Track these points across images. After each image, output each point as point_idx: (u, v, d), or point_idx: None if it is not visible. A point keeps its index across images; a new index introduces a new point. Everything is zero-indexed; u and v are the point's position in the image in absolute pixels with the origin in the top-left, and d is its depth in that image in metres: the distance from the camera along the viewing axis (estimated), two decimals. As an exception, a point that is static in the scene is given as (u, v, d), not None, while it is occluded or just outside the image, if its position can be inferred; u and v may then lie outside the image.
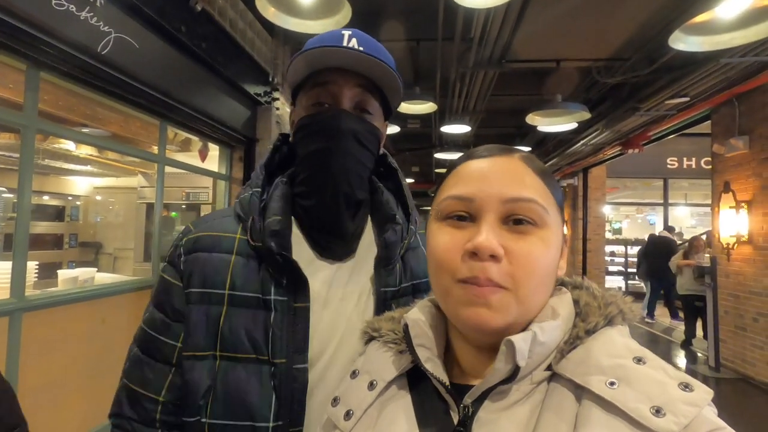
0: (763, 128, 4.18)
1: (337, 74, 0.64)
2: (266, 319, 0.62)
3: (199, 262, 0.65)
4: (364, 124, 0.66)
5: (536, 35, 3.83)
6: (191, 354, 0.63)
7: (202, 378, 0.61)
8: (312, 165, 0.66)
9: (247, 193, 0.68)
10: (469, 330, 0.45)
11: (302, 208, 0.69)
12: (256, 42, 3.81)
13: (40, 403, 2.22)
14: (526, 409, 0.41)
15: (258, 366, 0.61)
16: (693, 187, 9.78)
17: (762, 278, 4.19)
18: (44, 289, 2.74)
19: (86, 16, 2.06)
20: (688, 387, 0.37)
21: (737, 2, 2.29)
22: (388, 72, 0.64)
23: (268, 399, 0.60)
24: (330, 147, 0.64)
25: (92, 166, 5.18)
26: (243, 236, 0.67)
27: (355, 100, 0.66)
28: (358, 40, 0.65)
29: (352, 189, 0.66)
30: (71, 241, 5.32)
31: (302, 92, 0.68)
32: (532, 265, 0.42)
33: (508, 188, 0.43)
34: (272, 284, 0.63)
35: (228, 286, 0.63)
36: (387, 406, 0.47)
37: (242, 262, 0.65)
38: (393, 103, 0.72)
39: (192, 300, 0.64)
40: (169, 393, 0.63)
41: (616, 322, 0.44)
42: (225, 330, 0.62)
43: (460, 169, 0.48)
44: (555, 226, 0.45)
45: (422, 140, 7.56)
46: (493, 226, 0.43)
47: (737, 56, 3.48)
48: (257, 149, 4.16)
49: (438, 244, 0.45)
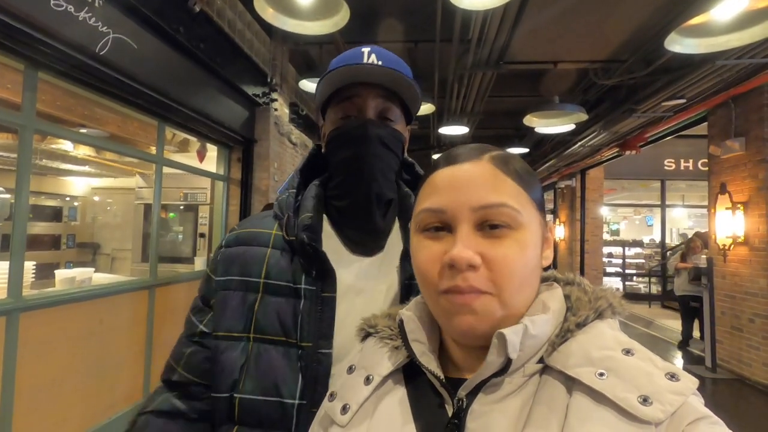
0: (759, 130, 4.20)
1: (360, 88, 0.72)
2: (296, 306, 0.69)
3: (238, 253, 0.74)
4: (388, 129, 0.74)
5: (534, 37, 3.84)
6: (227, 334, 0.70)
7: (237, 357, 0.68)
8: (345, 169, 0.74)
9: (284, 195, 0.77)
10: (458, 337, 0.47)
11: (336, 208, 0.76)
12: (255, 43, 3.81)
13: (37, 402, 2.21)
14: (519, 401, 0.42)
15: (287, 348, 0.68)
16: (690, 189, 9.81)
17: (758, 279, 4.21)
18: (41, 290, 2.74)
19: (84, 17, 2.07)
20: (675, 377, 0.38)
21: (733, 5, 2.31)
22: (405, 82, 0.71)
23: (294, 378, 0.67)
24: (360, 152, 0.72)
25: (90, 166, 5.18)
26: (279, 232, 0.75)
27: (378, 110, 0.73)
28: (377, 56, 0.73)
29: (381, 189, 0.74)
30: (69, 242, 5.32)
31: (330, 108, 0.75)
32: (510, 268, 0.42)
33: (478, 196, 0.44)
34: (303, 274, 0.71)
35: (263, 275, 0.71)
36: (383, 400, 0.48)
37: (277, 254, 0.73)
38: (413, 109, 0.79)
39: (231, 287, 0.72)
40: (186, 366, 0.71)
41: (606, 315, 0.45)
42: (259, 315, 0.69)
43: (431, 179, 0.48)
44: (531, 224, 0.45)
45: (421, 141, 7.58)
46: (468, 235, 0.43)
47: (733, 58, 3.50)
48: (255, 150, 4.17)
49: (418, 258, 0.46)
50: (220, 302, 0.72)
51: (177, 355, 0.73)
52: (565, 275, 0.51)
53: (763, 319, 4.15)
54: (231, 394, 0.67)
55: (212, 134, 3.69)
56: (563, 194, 10.24)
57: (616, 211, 12.88)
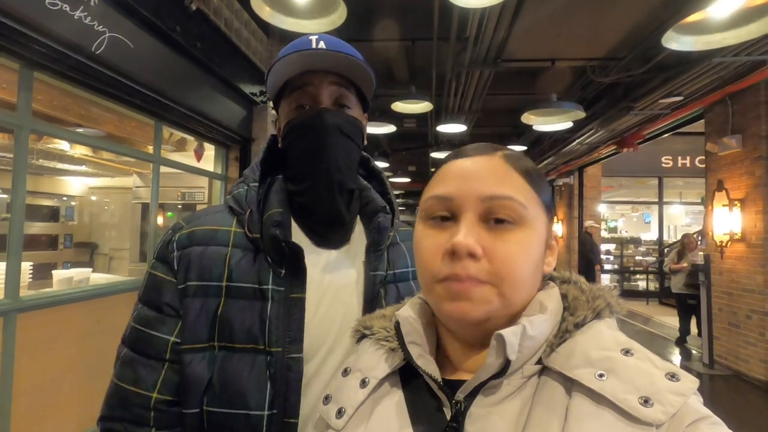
0: (756, 127, 4.21)
1: (311, 76, 0.68)
2: (263, 309, 0.64)
3: (195, 255, 0.66)
4: (346, 117, 0.70)
5: (531, 35, 3.84)
6: (191, 347, 0.63)
7: (203, 369, 0.62)
8: (305, 162, 0.69)
9: (242, 189, 0.71)
10: (451, 323, 0.46)
11: (299, 203, 0.72)
12: (252, 42, 3.80)
13: (35, 403, 2.21)
14: (518, 403, 0.41)
15: (254, 355, 0.63)
16: (687, 186, 9.84)
17: (755, 275, 4.23)
18: (39, 290, 2.73)
19: (80, 16, 2.06)
20: (675, 377, 0.38)
21: (729, 2, 2.31)
22: (357, 64, 0.68)
23: (263, 388, 0.62)
24: (319, 143, 0.68)
25: (87, 166, 5.16)
26: (239, 229, 0.69)
27: (333, 97, 0.70)
28: (326, 42, 0.68)
29: (343, 178, 0.70)
30: (66, 242, 5.30)
31: (283, 99, 0.72)
32: (511, 265, 0.42)
33: (486, 186, 0.44)
34: (270, 274, 0.66)
35: (225, 278, 0.65)
36: (379, 404, 0.47)
37: (239, 253, 0.67)
38: (368, 94, 0.75)
39: (189, 293, 0.65)
40: (164, 388, 0.63)
41: (604, 315, 0.45)
42: (222, 321, 0.63)
43: (442, 170, 0.48)
44: (537, 224, 0.45)
45: (418, 140, 7.57)
46: (473, 225, 0.43)
47: (730, 55, 3.51)
48: (253, 149, 4.16)
49: (422, 247, 0.46)
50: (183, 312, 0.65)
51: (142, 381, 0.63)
52: (561, 273, 0.51)
53: (760, 315, 4.17)
54: (200, 408, 0.62)
55: (209, 133, 3.68)
56: (561, 192, 10.25)
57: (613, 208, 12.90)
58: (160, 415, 0.63)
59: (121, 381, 0.64)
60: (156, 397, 0.63)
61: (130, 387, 0.63)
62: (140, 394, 0.62)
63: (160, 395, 0.63)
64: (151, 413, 0.62)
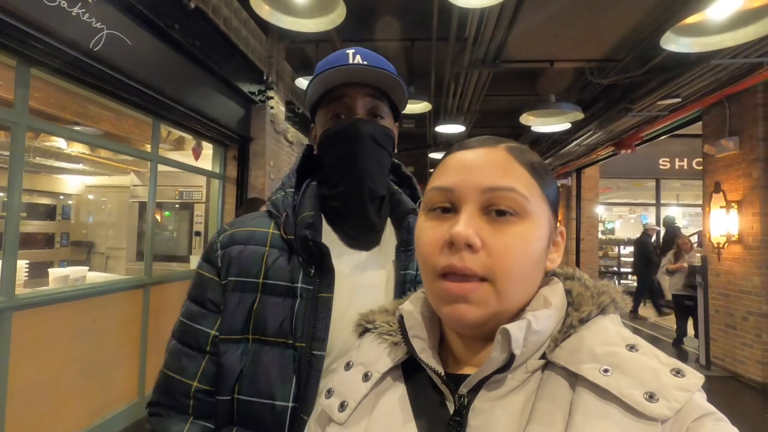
0: (753, 129, 4.23)
1: (348, 88, 0.73)
2: (293, 306, 0.69)
3: (235, 253, 0.72)
4: (378, 127, 0.75)
5: (530, 36, 3.85)
6: (227, 338, 0.69)
7: (236, 359, 0.67)
8: (339, 168, 0.74)
9: (280, 194, 0.77)
10: (451, 325, 0.46)
11: (332, 207, 0.77)
12: (251, 40, 3.79)
13: (30, 402, 2.20)
14: (521, 398, 0.41)
15: (283, 349, 0.67)
16: (685, 188, 9.85)
17: (751, 277, 4.24)
18: (35, 288, 2.71)
19: (78, 12, 2.05)
20: (680, 373, 0.38)
21: (727, 4, 2.32)
22: (391, 79, 0.73)
23: (289, 380, 0.66)
24: (353, 151, 0.72)
25: (84, 164, 5.14)
26: (275, 231, 0.74)
27: (367, 108, 0.74)
28: (362, 56, 0.74)
29: (374, 184, 0.74)
30: (63, 240, 5.28)
31: (320, 110, 0.77)
32: (510, 258, 0.41)
33: (488, 177, 0.43)
34: (300, 273, 0.70)
35: (262, 275, 0.71)
36: (382, 398, 0.47)
37: (275, 253, 0.72)
38: (400, 106, 0.80)
39: (229, 288, 0.71)
40: (203, 378, 0.69)
41: (609, 311, 0.44)
42: (257, 315, 0.69)
43: (445, 162, 0.48)
44: (539, 218, 0.44)
45: (417, 140, 7.57)
46: (473, 216, 0.42)
47: (727, 58, 3.52)
48: (251, 148, 4.15)
49: (422, 239, 0.46)
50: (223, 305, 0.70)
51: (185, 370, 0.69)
52: (565, 270, 0.51)
53: (756, 317, 4.18)
54: (232, 396, 0.67)
55: (208, 132, 3.67)
56: (559, 193, 10.27)
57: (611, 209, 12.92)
58: (198, 404, 0.69)
59: (168, 369, 0.71)
60: (196, 386, 0.68)
61: (175, 375, 0.69)
62: (183, 382, 0.69)
63: (199, 384, 0.68)
64: (191, 401, 0.69)
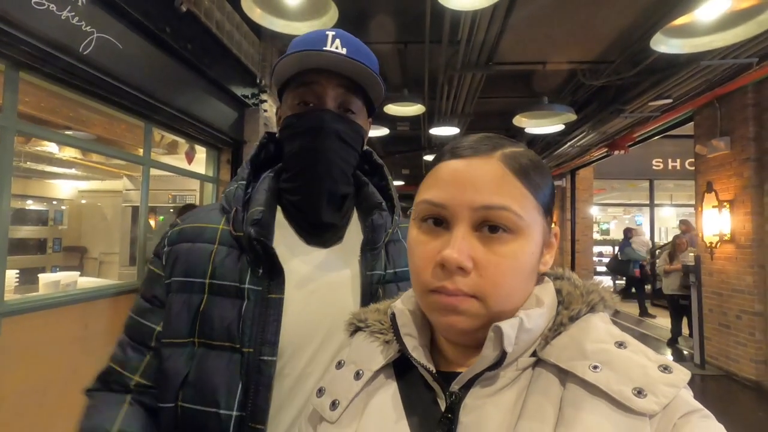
0: (744, 129, 4.27)
1: (321, 75, 0.67)
2: (241, 308, 0.64)
3: (182, 252, 0.68)
4: (348, 123, 0.69)
5: (522, 38, 3.87)
6: (171, 341, 0.64)
7: (181, 365, 0.63)
8: (298, 162, 0.69)
9: (232, 187, 0.71)
10: (442, 332, 0.47)
11: (289, 201, 0.72)
12: (243, 44, 3.79)
13: (20, 410, 2.17)
14: (513, 394, 0.42)
15: (230, 354, 0.63)
16: (678, 188, 9.94)
17: (744, 276, 4.27)
18: (25, 294, 2.68)
19: (67, 16, 2.03)
20: (668, 369, 0.38)
21: (716, 5, 2.35)
22: (369, 74, 0.67)
23: (234, 387, 0.61)
24: (315, 146, 0.67)
25: (76, 169, 5.10)
26: (226, 227, 0.69)
27: (338, 100, 0.69)
28: (342, 41, 0.67)
29: (336, 185, 0.69)
30: (55, 246, 5.22)
31: (288, 91, 0.71)
32: (501, 278, 0.42)
33: (480, 195, 0.42)
34: (249, 273, 0.65)
35: (209, 275, 0.66)
36: (374, 396, 0.48)
37: (224, 251, 0.67)
38: (375, 101, 0.74)
39: (173, 289, 0.66)
40: (144, 374, 0.66)
41: (598, 309, 0.45)
42: (203, 317, 0.64)
43: (436, 170, 0.47)
44: (532, 230, 0.44)
45: (411, 142, 7.59)
46: (465, 235, 0.42)
47: (717, 58, 3.56)
48: (245, 151, 4.13)
49: (414, 254, 0.46)
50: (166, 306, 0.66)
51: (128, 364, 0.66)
52: (554, 270, 0.51)
53: (749, 315, 4.21)
54: (175, 403, 0.62)
55: (201, 136, 3.65)
56: (555, 192, 10.32)
57: (605, 210, 13.00)
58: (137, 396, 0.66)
59: (112, 362, 0.68)
60: (137, 381, 0.66)
61: (117, 367, 0.67)
62: (123, 375, 0.66)
63: (141, 379, 0.66)
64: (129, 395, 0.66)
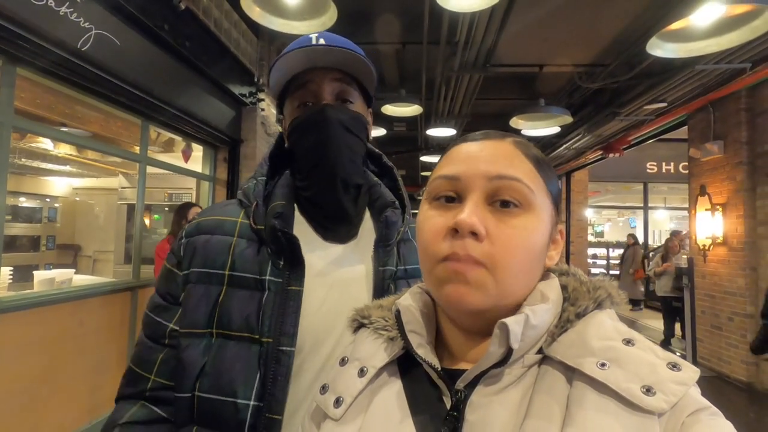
0: (737, 133, 4.32)
1: (313, 74, 0.69)
2: (260, 299, 0.65)
3: (200, 243, 0.68)
4: (348, 112, 0.70)
5: (520, 40, 3.89)
6: (189, 331, 0.65)
7: (198, 355, 0.63)
8: (309, 158, 0.70)
9: (251, 183, 0.73)
10: (449, 307, 0.46)
11: (305, 198, 0.73)
12: (242, 42, 3.78)
13: (15, 407, 2.15)
14: (519, 392, 0.41)
15: (249, 344, 0.63)
16: (672, 191, 10.01)
17: (736, 279, 4.31)
18: (19, 291, 2.66)
19: (66, 12, 2.03)
20: (677, 366, 0.38)
21: (711, 11, 2.38)
22: (358, 59, 0.68)
23: (252, 377, 0.62)
24: (322, 139, 0.68)
25: (71, 166, 5.06)
26: (245, 220, 0.70)
27: (335, 93, 0.70)
28: (326, 40, 0.69)
29: (347, 173, 0.70)
30: (49, 243, 5.18)
31: (287, 100, 0.73)
32: (512, 249, 0.42)
33: (494, 166, 0.43)
34: (269, 265, 0.66)
35: (228, 267, 0.66)
36: (378, 393, 0.47)
37: (244, 243, 0.68)
38: (370, 89, 0.75)
39: (192, 279, 0.67)
40: (159, 372, 0.66)
41: (605, 305, 0.45)
42: (222, 308, 0.64)
43: (450, 152, 0.48)
44: (543, 212, 0.44)
45: (408, 143, 7.59)
46: (478, 205, 0.43)
47: (711, 63, 3.60)
48: (242, 150, 4.13)
49: (425, 227, 0.45)
50: (184, 297, 0.67)
51: (145, 363, 0.67)
52: (559, 266, 0.51)
53: (741, 317, 4.25)
54: (192, 393, 0.62)
55: (197, 134, 3.64)
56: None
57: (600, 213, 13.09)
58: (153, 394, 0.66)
59: (132, 362, 0.68)
60: (153, 380, 0.65)
61: (136, 368, 0.67)
62: (142, 375, 0.66)
63: (157, 378, 0.65)
64: (147, 393, 0.66)
